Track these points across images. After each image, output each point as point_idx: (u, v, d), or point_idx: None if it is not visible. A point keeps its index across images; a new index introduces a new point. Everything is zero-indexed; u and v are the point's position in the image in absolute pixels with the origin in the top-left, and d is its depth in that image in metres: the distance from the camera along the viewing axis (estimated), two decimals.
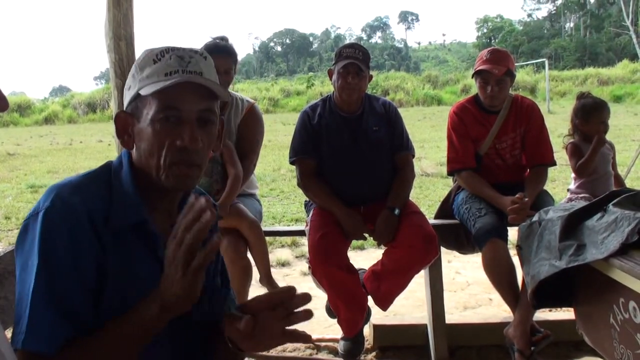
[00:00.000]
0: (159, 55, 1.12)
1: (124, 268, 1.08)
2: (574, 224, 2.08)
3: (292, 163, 2.93)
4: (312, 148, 2.84)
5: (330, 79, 2.89)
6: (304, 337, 1.10)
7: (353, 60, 2.72)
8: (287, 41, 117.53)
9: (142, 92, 1.10)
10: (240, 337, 1.14)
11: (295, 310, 1.09)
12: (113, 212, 1.08)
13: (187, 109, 1.10)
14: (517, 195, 2.67)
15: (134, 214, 1.11)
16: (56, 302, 0.99)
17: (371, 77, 2.88)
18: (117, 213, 1.09)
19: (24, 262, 1.02)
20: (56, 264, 1.00)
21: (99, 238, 1.05)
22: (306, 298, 1.09)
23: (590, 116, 2.91)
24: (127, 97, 1.17)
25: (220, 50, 2.79)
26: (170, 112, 1.09)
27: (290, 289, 1.09)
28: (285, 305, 1.09)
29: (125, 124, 1.16)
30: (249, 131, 2.98)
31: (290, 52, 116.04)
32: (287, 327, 1.09)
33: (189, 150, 1.10)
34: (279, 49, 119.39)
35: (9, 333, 1.04)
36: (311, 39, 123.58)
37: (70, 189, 1.07)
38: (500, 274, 2.60)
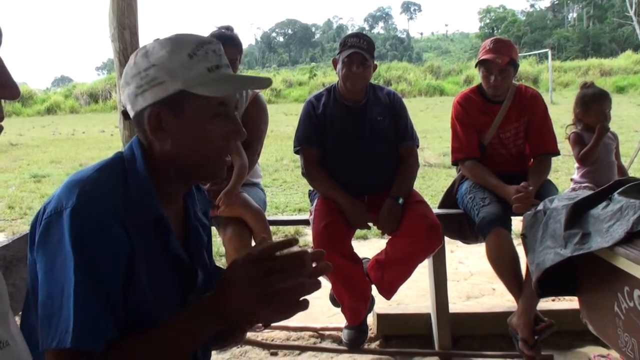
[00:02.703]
0: (194, 50, 1.10)
1: (143, 262, 1.07)
2: (579, 212, 2.08)
3: (296, 152, 2.93)
4: (317, 137, 2.84)
5: (335, 69, 2.88)
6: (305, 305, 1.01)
7: (358, 50, 2.71)
8: (289, 31, 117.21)
9: (198, 92, 1.09)
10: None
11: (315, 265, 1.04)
12: (132, 207, 1.07)
13: (231, 103, 1.17)
14: (521, 184, 2.66)
15: (152, 209, 1.10)
16: (101, 299, 0.98)
17: (375, 66, 2.87)
18: (136, 207, 1.08)
19: (51, 261, 1.00)
20: (94, 261, 0.99)
21: (127, 232, 1.04)
22: (322, 254, 1.07)
23: (590, 106, 2.90)
24: (158, 91, 1.10)
25: (226, 40, 2.77)
26: (222, 107, 1.14)
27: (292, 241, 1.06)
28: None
29: (158, 119, 1.12)
30: (253, 121, 2.96)
31: (293, 43, 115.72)
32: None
33: (238, 140, 1.19)
34: (281, 39, 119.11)
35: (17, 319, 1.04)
36: (313, 29, 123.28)
37: (93, 185, 1.05)
38: (504, 264, 2.60)
